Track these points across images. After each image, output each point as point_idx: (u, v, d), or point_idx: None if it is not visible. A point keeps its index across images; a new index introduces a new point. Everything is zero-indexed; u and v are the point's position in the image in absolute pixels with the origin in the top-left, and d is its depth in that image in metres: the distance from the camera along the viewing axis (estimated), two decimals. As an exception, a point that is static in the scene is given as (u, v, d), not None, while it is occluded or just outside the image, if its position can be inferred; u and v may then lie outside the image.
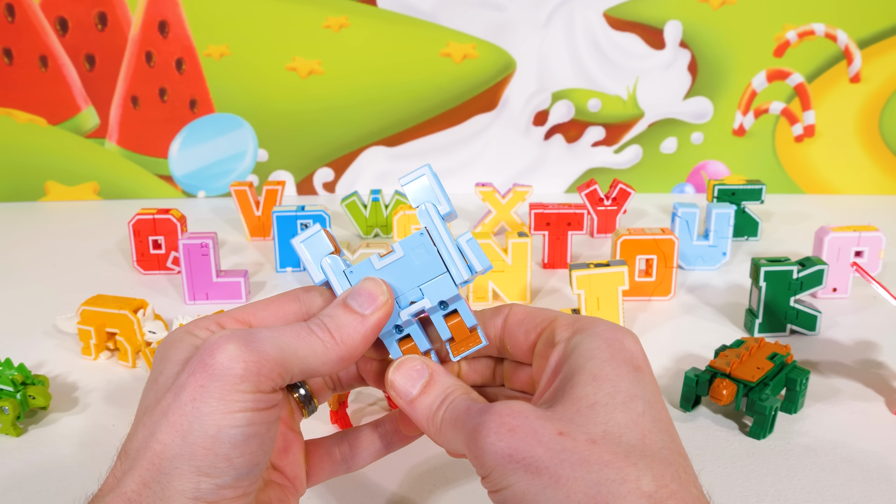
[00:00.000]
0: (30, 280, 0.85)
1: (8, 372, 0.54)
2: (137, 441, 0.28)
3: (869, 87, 1.18)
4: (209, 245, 0.75)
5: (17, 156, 1.18)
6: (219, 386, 0.27)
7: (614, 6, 1.15)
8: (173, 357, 0.30)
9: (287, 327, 0.30)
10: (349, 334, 0.31)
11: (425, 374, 0.32)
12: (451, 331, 0.33)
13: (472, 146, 1.21)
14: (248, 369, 0.27)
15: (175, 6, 1.13)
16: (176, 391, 0.28)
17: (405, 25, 1.15)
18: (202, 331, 0.32)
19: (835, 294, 0.77)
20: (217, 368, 0.27)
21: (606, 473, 0.25)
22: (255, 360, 0.28)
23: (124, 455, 0.28)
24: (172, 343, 0.31)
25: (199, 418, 0.27)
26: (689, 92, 1.18)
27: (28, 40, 1.12)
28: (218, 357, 0.27)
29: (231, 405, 0.27)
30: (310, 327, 0.30)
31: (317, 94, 1.18)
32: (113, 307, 0.64)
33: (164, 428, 0.27)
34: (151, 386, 0.30)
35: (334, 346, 0.30)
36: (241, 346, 0.28)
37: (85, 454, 0.51)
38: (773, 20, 1.15)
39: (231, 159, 1.21)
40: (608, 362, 0.29)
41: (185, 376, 0.28)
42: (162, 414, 0.27)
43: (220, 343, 0.28)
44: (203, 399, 0.27)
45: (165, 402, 0.28)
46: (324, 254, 0.34)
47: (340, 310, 0.31)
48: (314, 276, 0.34)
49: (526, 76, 1.18)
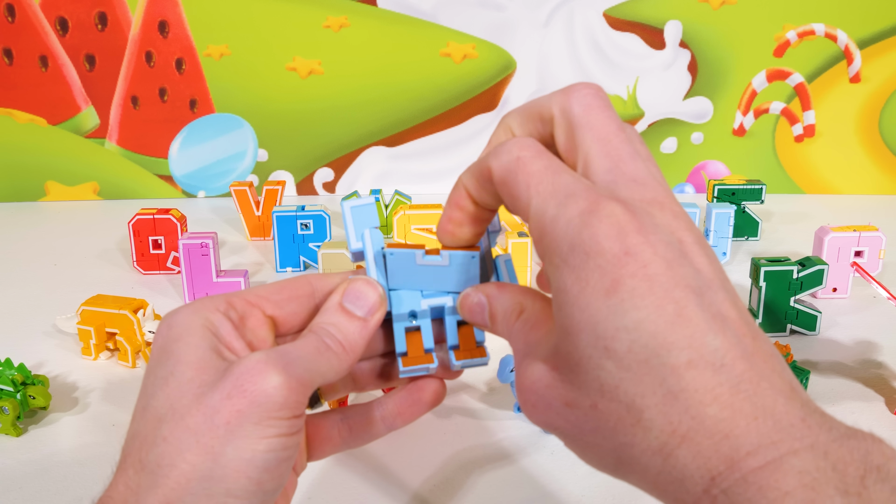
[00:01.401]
0: (30, 280, 0.85)
1: (8, 372, 0.54)
2: (157, 454, 0.27)
3: (869, 87, 1.18)
4: (209, 245, 0.75)
5: (17, 156, 1.18)
6: (257, 412, 0.27)
7: (614, 6, 1.15)
8: (184, 356, 0.28)
9: (308, 344, 0.30)
10: (354, 340, 0.31)
11: (485, 303, 0.31)
12: (460, 338, 0.33)
13: (472, 146, 1.21)
14: (288, 398, 0.27)
15: (175, 6, 1.13)
16: (208, 412, 0.27)
17: (405, 25, 1.15)
18: (214, 315, 0.30)
19: (835, 294, 0.77)
20: (258, 396, 0.27)
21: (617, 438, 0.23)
22: (294, 387, 0.27)
23: (139, 465, 0.27)
24: (180, 335, 0.29)
25: (234, 442, 0.26)
26: (689, 92, 1.18)
27: (28, 40, 1.12)
28: (260, 385, 0.27)
29: (267, 430, 0.27)
30: (325, 342, 0.30)
31: (317, 94, 1.18)
32: (113, 307, 0.64)
33: (195, 449, 0.26)
34: (161, 386, 0.28)
35: (345, 356, 0.30)
36: (282, 374, 0.27)
37: (85, 454, 0.51)
38: (773, 20, 1.15)
39: (231, 159, 1.21)
40: (579, 306, 0.24)
41: (217, 398, 0.27)
42: (191, 433, 0.27)
43: (261, 370, 0.27)
44: (239, 424, 0.26)
45: (193, 420, 0.27)
46: (368, 226, 0.33)
47: (342, 316, 0.31)
48: (351, 243, 0.33)
49: (526, 76, 1.18)
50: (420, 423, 0.55)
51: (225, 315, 0.30)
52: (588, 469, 0.48)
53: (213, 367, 0.28)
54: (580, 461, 0.27)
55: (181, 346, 0.29)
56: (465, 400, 0.58)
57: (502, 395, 0.58)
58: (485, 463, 0.50)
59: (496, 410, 0.56)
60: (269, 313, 0.32)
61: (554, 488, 0.47)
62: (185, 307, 0.30)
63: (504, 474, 0.49)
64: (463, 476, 0.49)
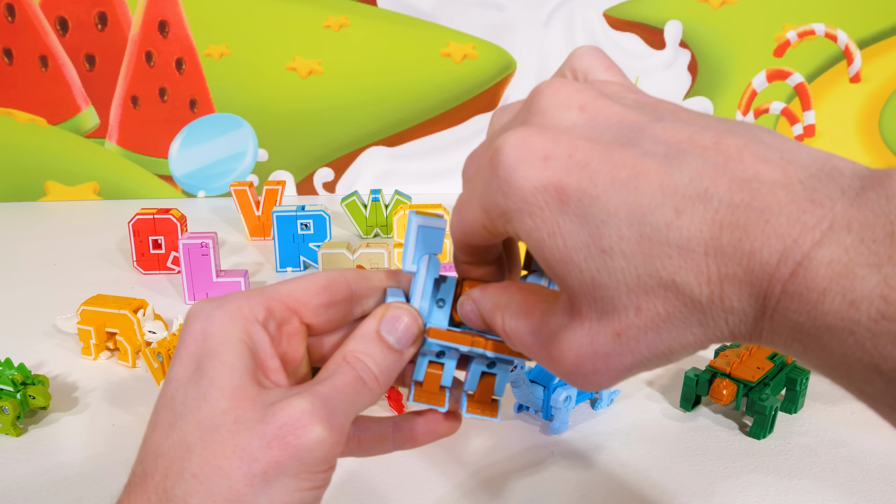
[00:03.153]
0: (30, 280, 0.85)
1: (8, 372, 0.54)
2: (185, 490, 0.25)
3: (869, 87, 1.18)
4: (209, 245, 0.75)
5: (17, 156, 1.18)
6: (296, 466, 0.26)
7: (614, 6, 1.15)
8: (219, 380, 0.26)
9: (346, 381, 0.28)
10: (389, 373, 0.30)
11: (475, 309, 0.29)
12: (479, 387, 0.32)
13: (472, 146, 1.20)
14: (329, 452, 0.26)
15: (175, 6, 1.13)
16: (245, 458, 0.25)
17: (405, 25, 1.15)
18: (254, 326, 0.28)
19: (835, 294, 0.77)
20: (300, 451, 0.26)
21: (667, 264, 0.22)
22: (335, 440, 0.27)
23: (163, 494, 0.26)
24: (216, 351, 0.27)
25: (267, 492, 0.25)
26: (689, 92, 1.18)
27: (28, 40, 1.12)
28: (303, 440, 0.26)
29: (303, 483, 0.26)
30: (361, 377, 0.29)
31: (317, 94, 1.18)
32: (113, 307, 0.64)
33: (226, 495, 0.25)
34: (192, 409, 0.26)
35: (379, 390, 0.30)
36: (326, 428, 0.26)
37: (85, 454, 0.51)
38: (773, 20, 1.15)
39: (231, 159, 1.21)
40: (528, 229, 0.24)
41: (256, 444, 0.25)
42: (224, 477, 0.25)
43: (305, 423, 0.26)
44: (276, 475, 0.26)
45: (228, 463, 0.25)
46: (431, 251, 0.31)
47: (378, 347, 0.30)
48: (406, 264, 0.31)
49: (526, 76, 1.18)
50: (420, 423, 0.55)
51: (263, 325, 0.29)
52: (588, 469, 0.49)
53: (250, 398, 0.27)
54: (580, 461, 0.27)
55: (217, 365, 0.27)
56: (465, 400, 0.58)
57: (502, 395, 0.58)
58: (484, 463, 0.50)
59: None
60: (307, 321, 0.30)
61: (554, 488, 0.47)
62: (222, 310, 0.28)
63: (504, 474, 0.49)
64: (463, 476, 0.49)
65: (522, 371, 0.52)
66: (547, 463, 0.50)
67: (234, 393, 0.26)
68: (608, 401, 0.56)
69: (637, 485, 0.48)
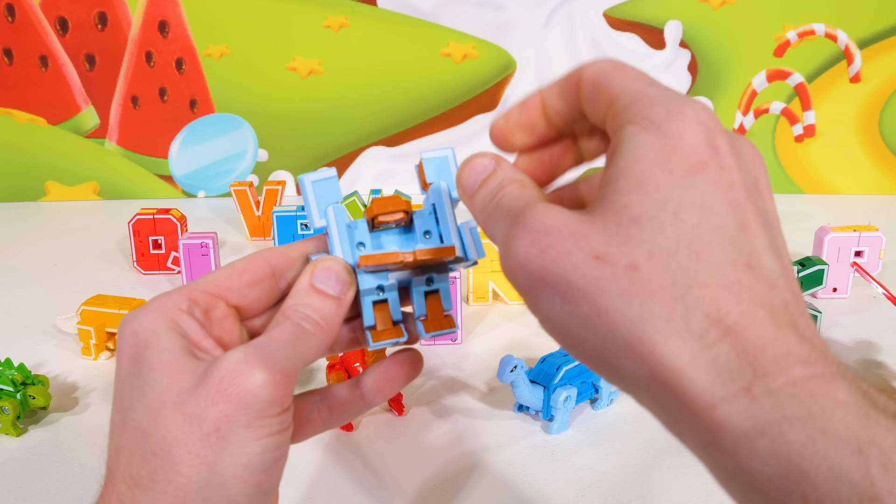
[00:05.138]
0: (30, 280, 0.85)
1: (8, 372, 0.54)
2: (149, 469, 0.26)
3: (869, 87, 1.18)
4: (209, 245, 0.75)
5: (17, 156, 1.18)
6: (246, 414, 0.26)
7: (614, 6, 1.15)
8: (156, 363, 0.27)
9: (285, 331, 0.29)
10: (331, 319, 0.30)
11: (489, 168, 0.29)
12: (427, 309, 0.33)
13: (472, 146, 1.21)
14: (275, 394, 0.26)
15: (175, 6, 1.13)
16: (194, 421, 0.26)
17: (405, 25, 1.15)
18: (178, 314, 0.28)
19: (835, 294, 0.77)
20: (244, 398, 0.26)
21: (651, 308, 0.22)
22: (279, 381, 0.27)
23: (130, 481, 0.26)
24: (147, 341, 0.28)
25: (227, 448, 0.26)
26: (689, 92, 1.18)
27: (28, 40, 1.12)
28: (244, 385, 0.26)
29: (259, 431, 0.26)
30: (301, 325, 0.29)
31: (317, 94, 1.18)
32: (113, 307, 0.64)
33: (188, 461, 0.26)
34: (138, 397, 0.27)
35: (324, 335, 0.30)
36: (265, 370, 0.26)
37: (85, 454, 0.51)
38: (773, 20, 1.15)
39: (231, 159, 1.21)
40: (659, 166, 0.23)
41: (202, 405, 0.26)
42: (180, 445, 0.26)
43: (243, 370, 0.26)
44: (229, 429, 0.26)
45: (180, 431, 0.26)
46: (330, 201, 0.32)
47: (315, 297, 0.30)
48: (314, 221, 0.32)
49: (526, 76, 1.18)
50: (420, 423, 0.55)
51: (189, 313, 0.29)
52: (588, 469, 0.49)
53: (189, 369, 0.27)
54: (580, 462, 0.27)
55: (151, 352, 0.27)
56: (466, 400, 0.58)
57: (502, 395, 0.58)
58: (484, 463, 0.50)
59: (496, 410, 0.56)
60: (233, 303, 0.31)
61: (554, 488, 0.47)
62: (144, 310, 0.29)
63: (504, 474, 0.49)
64: (463, 476, 0.49)
65: (522, 371, 0.52)
66: (547, 463, 0.50)
67: (173, 369, 0.27)
68: (608, 401, 0.56)
69: (637, 485, 0.48)
